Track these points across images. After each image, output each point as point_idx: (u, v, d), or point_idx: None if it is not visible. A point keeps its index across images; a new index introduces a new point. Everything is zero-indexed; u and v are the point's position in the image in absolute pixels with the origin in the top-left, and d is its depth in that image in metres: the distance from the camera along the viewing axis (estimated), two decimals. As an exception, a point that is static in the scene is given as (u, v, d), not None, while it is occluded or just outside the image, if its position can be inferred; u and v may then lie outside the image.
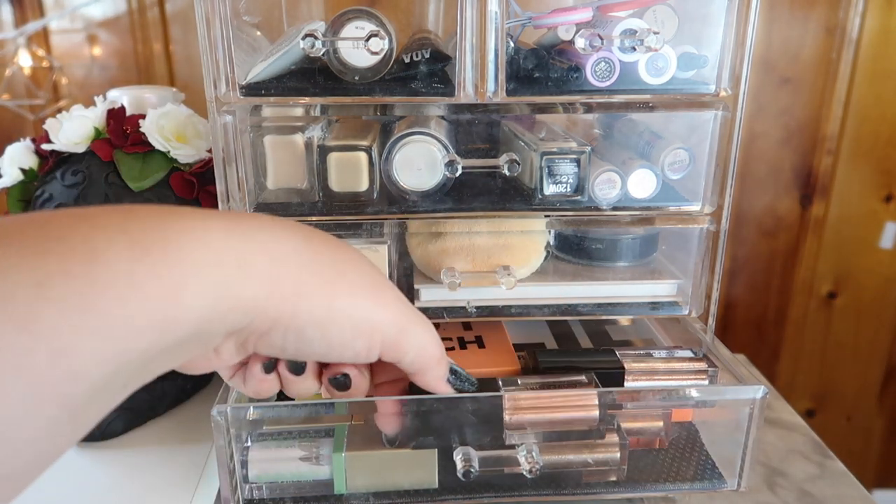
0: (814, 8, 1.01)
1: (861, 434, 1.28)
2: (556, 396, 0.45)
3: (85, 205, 0.58)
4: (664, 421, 0.48)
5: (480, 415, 0.44)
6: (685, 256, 0.53)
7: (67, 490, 0.52)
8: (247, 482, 0.46)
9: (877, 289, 1.17)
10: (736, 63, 0.46)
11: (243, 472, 0.45)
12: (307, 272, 0.31)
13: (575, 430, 0.45)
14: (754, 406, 0.45)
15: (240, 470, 0.45)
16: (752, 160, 1.09)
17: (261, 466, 0.46)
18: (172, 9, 0.97)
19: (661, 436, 0.49)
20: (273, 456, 0.46)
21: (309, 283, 0.31)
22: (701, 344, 0.53)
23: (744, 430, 0.46)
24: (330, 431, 0.47)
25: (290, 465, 0.46)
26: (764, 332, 1.20)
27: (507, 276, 0.50)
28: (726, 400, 0.46)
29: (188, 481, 0.52)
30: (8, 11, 0.97)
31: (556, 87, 0.46)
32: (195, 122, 0.61)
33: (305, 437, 0.46)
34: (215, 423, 0.43)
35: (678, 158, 0.50)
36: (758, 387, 0.45)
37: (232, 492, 0.45)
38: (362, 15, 0.43)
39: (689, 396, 0.45)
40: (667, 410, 0.48)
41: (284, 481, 0.46)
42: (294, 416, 0.45)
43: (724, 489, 0.48)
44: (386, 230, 0.51)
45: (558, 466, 0.47)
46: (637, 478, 0.48)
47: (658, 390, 0.46)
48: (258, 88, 0.45)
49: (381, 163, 0.48)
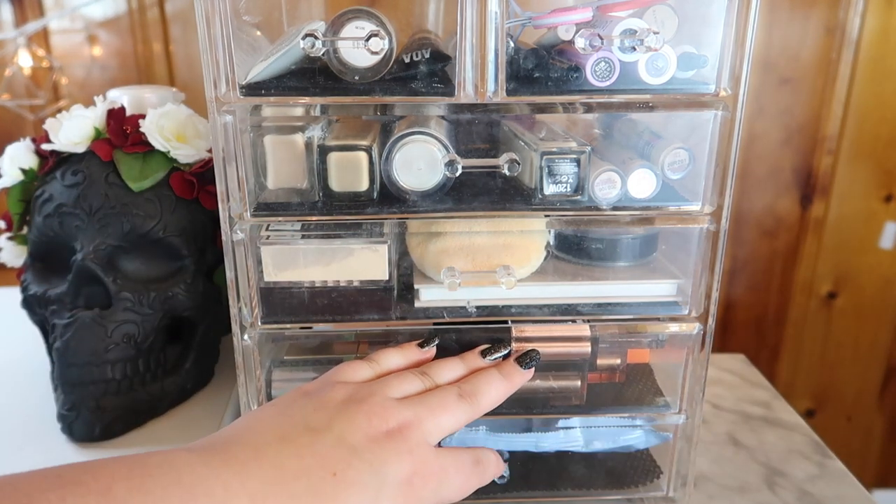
0: (814, 8, 1.01)
1: (861, 434, 1.28)
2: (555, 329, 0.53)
3: (85, 204, 0.58)
4: (621, 358, 0.57)
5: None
6: (685, 256, 0.53)
7: (67, 490, 0.51)
8: (270, 400, 0.52)
9: (877, 289, 1.17)
10: (736, 63, 0.46)
11: (268, 390, 0.53)
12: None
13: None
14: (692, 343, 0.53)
15: (265, 389, 0.52)
16: (752, 160, 1.09)
17: (282, 386, 0.53)
18: (172, 9, 0.97)
19: (619, 371, 0.57)
20: (292, 377, 0.54)
21: None
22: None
23: (683, 363, 0.54)
24: (339, 360, 0.52)
25: None
26: (764, 332, 1.20)
27: (507, 276, 0.50)
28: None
29: (188, 481, 0.52)
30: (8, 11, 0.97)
31: (556, 87, 0.46)
32: (195, 122, 0.61)
33: (318, 364, 0.54)
34: (245, 348, 0.51)
35: (678, 158, 0.50)
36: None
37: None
38: (362, 15, 0.43)
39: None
40: (624, 350, 0.57)
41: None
42: (309, 343, 0.55)
43: (669, 412, 0.56)
44: (386, 230, 0.51)
45: (527, 392, 0.55)
46: (595, 402, 0.56)
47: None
48: (258, 88, 0.45)
49: (381, 163, 0.48)
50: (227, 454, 0.32)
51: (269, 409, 0.38)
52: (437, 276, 0.51)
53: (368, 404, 0.38)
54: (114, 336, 0.57)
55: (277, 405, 0.38)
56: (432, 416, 0.40)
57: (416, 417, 0.39)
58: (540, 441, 0.58)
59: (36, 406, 0.62)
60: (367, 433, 0.36)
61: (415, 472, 0.36)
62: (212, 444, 0.33)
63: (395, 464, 0.35)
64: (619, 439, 0.59)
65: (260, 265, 0.50)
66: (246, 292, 0.49)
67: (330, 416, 0.36)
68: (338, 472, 0.33)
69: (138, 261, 0.60)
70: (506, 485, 0.57)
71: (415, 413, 0.39)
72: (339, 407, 0.37)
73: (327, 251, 0.50)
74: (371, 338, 0.56)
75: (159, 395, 0.61)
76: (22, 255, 0.66)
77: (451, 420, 0.41)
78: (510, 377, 0.45)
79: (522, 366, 0.47)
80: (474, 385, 0.43)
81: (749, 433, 0.69)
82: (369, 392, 0.39)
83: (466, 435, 0.58)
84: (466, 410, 0.42)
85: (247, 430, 0.35)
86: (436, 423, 0.40)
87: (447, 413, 0.41)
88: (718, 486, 0.61)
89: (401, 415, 0.38)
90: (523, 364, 0.47)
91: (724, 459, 0.65)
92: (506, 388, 0.45)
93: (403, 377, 0.43)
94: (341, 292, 0.51)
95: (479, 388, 0.43)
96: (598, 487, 0.58)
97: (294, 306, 0.51)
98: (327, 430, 0.35)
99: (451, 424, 0.41)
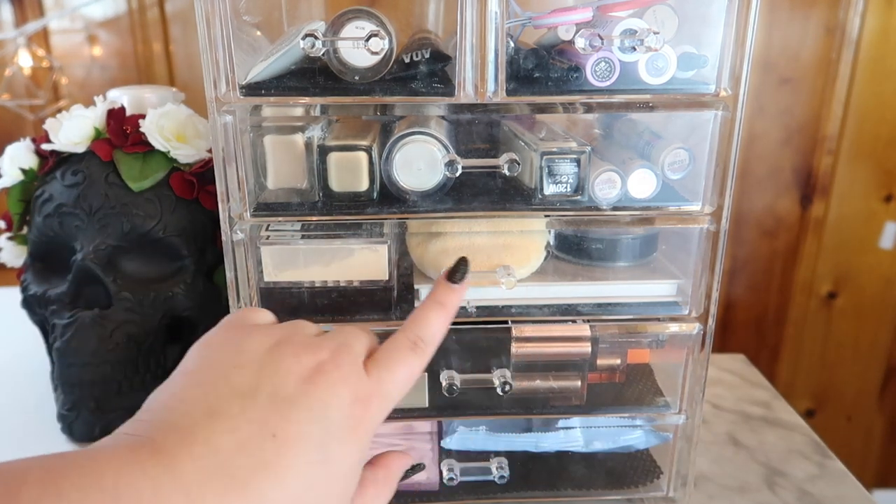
0: (814, 8, 1.01)
1: (861, 434, 1.28)
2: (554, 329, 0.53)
3: (85, 204, 0.58)
4: (621, 358, 0.57)
5: (490, 343, 0.53)
6: (685, 256, 0.53)
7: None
8: None
9: (877, 289, 1.17)
10: (736, 63, 0.46)
11: None
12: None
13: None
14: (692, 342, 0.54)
15: None
16: (752, 160, 1.09)
17: None
18: (172, 9, 0.97)
19: (619, 371, 0.57)
20: None
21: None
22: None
23: (682, 363, 0.54)
24: None
25: None
26: (764, 332, 1.20)
27: (507, 276, 0.50)
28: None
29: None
30: (8, 11, 0.97)
31: (556, 87, 0.46)
32: (195, 122, 0.61)
33: None
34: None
35: (678, 158, 0.50)
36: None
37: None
38: (362, 15, 0.43)
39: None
40: (624, 350, 0.57)
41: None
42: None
43: (669, 412, 0.56)
44: (386, 230, 0.51)
45: (527, 392, 0.55)
46: (595, 402, 0.56)
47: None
48: (258, 88, 0.45)
49: (381, 163, 0.48)
50: (153, 445, 0.28)
51: (185, 380, 0.33)
52: (437, 277, 0.51)
53: (293, 344, 0.34)
54: (114, 336, 0.57)
55: (192, 373, 0.33)
56: (356, 339, 0.36)
57: (338, 344, 0.35)
58: (540, 441, 0.58)
59: (36, 406, 0.62)
60: (300, 375, 0.32)
61: (355, 399, 0.33)
62: (136, 433, 0.30)
63: (333, 399, 0.32)
64: (619, 439, 0.59)
65: (260, 265, 0.50)
66: (246, 292, 0.49)
67: (256, 372, 0.32)
68: (277, 432, 0.30)
69: (138, 261, 0.60)
70: (506, 485, 0.57)
71: (336, 341, 0.35)
72: (264, 358, 0.33)
73: (327, 251, 0.50)
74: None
75: (159, 395, 0.61)
76: (22, 255, 0.66)
77: (366, 342, 0.37)
78: (445, 301, 0.40)
79: (452, 281, 0.41)
80: (410, 321, 0.39)
81: (749, 433, 0.69)
82: (290, 331, 0.36)
83: (467, 435, 0.58)
84: (403, 338, 0.37)
85: (169, 412, 0.31)
86: (359, 345, 0.36)
87: (366, 337, 0.37)
88: (718, 486, 0.61)
89: (325, 346, 0.35)
90: (453, 279, 0.41)
91: (724, 459, 0.65)
92: (445, 314, 0.39)
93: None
94: (341, 292, 0.51)
95: (412, 320, 0.39)
96: (598, 487, 0.58)
97: (294, 306, 0.51)
98: (257, 389, 0.32)
99: (368, 344, 0.37)
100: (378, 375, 0.35)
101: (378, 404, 0.34)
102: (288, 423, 0.31)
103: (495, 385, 0.53)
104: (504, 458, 0.58)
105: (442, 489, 0.57)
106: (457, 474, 0.56)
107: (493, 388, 0.53)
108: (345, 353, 0.35)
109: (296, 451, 0.30)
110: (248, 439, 0.30)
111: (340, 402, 0.32)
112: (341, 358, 0.34)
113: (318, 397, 0.32)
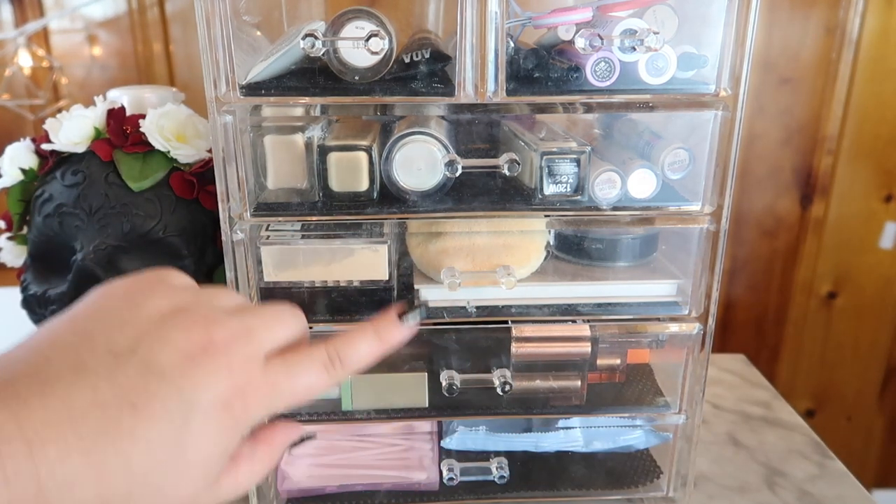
0: (814, 8, 1.01)
1: (861, 434, 1.28)
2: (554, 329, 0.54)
3: (85, 204, 0.58)
4: (621, 358, 0.58)
5: (490, 343, 0.54)
6: (685, 256, 0.53)
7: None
8: None
9: (877, 289, 1.17)
10: (736, 63, 0.46)
11: None
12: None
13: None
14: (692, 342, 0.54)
15: None
16: (752, 160, 1.09)
17: None
18: (172, 9, 0.97)
19: (619, 371, 0.58)
20: None
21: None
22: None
23: (682, 363, 0.55)
24: None
25: None
26: (764, 332, 1.20)
27: (507, 276, 0.50)
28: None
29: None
30: (8, 11, 0.97)
31: (556, 87, 0.46)
32: (195, 122, 0.61)
33: None
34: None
35: (678, 158, 0.50)
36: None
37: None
38: (362, 15, 0.43)
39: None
40: (624, 350, 0.57)
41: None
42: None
43: (669, 412, 0.56)
44: (386, 230, 0.51)
45: (527, 392, 0.56)
46: (595, 402, 0.56)
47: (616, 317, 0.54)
48: (258, 88, 0.45)
49: (381, 163, 0.48)
50: (13, 387, 0.27)
51: (67, 325, 0.31)
52: (437, 276, 0.51)
53: (192, 315, 0.31)
54: (114, 336, 0.57)
55: (77, 320, 0.31)
56: (270, 328, 0.33)
57: (245, 328, 0.32)
58: (540, 441, 0.58)
59: (36, 406, 0.62)
60: (184, 350, 0.30)
61: (235, 392, 0.31)
62: (2, 367, 0.28)
63: (209, 385, 0.30)
64: (619, 439, 0.59)
65: (260, 265, 0.50)
66: (246, 292, 0.49)
67: (139, 335, 0.30)
68: (138, 403, 0.28)
69: (138, 261, 0.60)
70: (506, 485, 0.57)
71: (244, 324, 0.32)
72: (155, 322, 0.31)
73: (327, 251, 0.50)
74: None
75: (159, 395, 0.61)
76: (22, 255, 0.66)
77: (285, 333, 0.34)
78: (384, 336, 0.37)
79: (401, 320, 0.38)
80: (339, 338, 0.36)
81: (749, 433, 0.69)
82: (199, 300, 0.33)
83: (466, 435, 0.58)
84: (323, 351, 0.35)
85: (39, 358, 0.29)
86: (270, 335, 0.33)
87: (289, 327, 0.34)
88: (718, 486, 0.61)
89: (227, 325, 0.32)
90: (403, 318, 0.37)
91: (724, 459, 0.65)
92: (378, 348, 0.36)
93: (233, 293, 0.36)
94: (341, 292, 0.51)
95: (342, 337, 0.36)
96: (598, 487, 0.58)
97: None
98: (132, 353, 0.29)
99: (287, 335, 0.34)
100: (275, 376, 0.33)
101: (260, 404, 0.32)
102: (151, 397, 0.29)
103: (495, 385, 0.53)
104: (504, 458, 0.58)
105: (442, 489, 0.57)
106: (457, 474, 0.56)
107: (492, 388, 0.53)
108: (243, 340, 0.32)
109: (150, 426, 0.28)
110: (106, 402, 0.28)
111: (216, 389, 0.30)
112: (237, 344, 0.32)
113: (193, 378, 0.30)
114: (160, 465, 0.29)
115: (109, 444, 0.28)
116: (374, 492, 0.57)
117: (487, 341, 0.53)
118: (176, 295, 0.33)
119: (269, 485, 0.56)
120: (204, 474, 0.31)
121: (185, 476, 0.30)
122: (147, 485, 0.29)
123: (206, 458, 0.31)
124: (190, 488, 0.31)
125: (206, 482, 0.32)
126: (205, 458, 0.31)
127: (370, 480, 0.57)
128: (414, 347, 0.55)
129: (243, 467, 0.34)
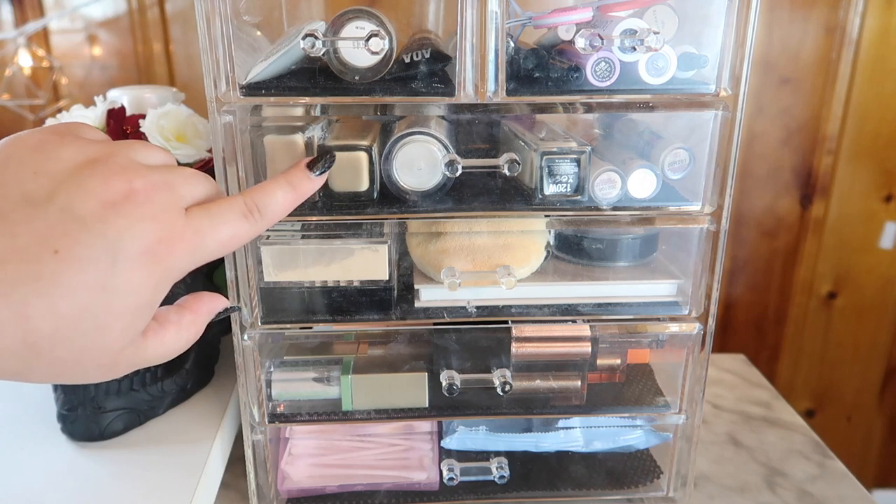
0: (814, 8, 1.01)
1: (861, 434, 1.28)
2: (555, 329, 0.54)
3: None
4: (621, 358, 0.58)
5: (491, 343, 0.54)
6: (685, 256, 0.53)
7: (67, 489, 0.52)
8: (270, 400, 0.54)
9: (877, 289, 1.17)
10: (736, 63, 0.46)
11: (268, 391, 0.54)
12: None
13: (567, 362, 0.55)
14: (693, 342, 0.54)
15: (265, 389, 0.53)
16: (752, 160, 1.09)
17: (282, 386, 0.55)
18: (172, 9, 0.97)
19: (619, 371, 0.58)
20: (292, 377, 0.55)
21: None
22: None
23: (683, 363, 0.55)
24: (339, 360, 0.56)
25: (306, 386, 0.55)
26: (764, 332, 1.20)
27: (507, 276, 0.50)
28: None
29: (188, 481, 0.52)
30: (8, 11, 0.97)
31: (556, 87, 0.46)
32: (195, 122, 0.61)
33: (318, 364, 0.55)
34: (245, 348, 0.51)
35: (678, 158, 0.50)
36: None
37: (259, 408, 0.53)
38: (362, 15, 0.43)
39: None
40: (624, 350, 0.58)
41: (301, 399, 0.55)
42: (309, 343, 0.56)
43: (669, 412, 0.56)
44: (386, 230, 0.51)
45: (527, 392, 0.56)
46: (595, 402, 0.56)
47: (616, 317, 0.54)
48: (258, 88, 0.45)
49: (381, 163, 0.48)
50: None
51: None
52: (437, 276, 0.51)
53: (110, 165, 0.31)
54: (114, 336, 0.57)
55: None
56: (187, 182, 0.33)
57: (164, 180, 0.32)
58: (540, 441, 0.58)
59: (36, 406, 0.62)
60: (103, 198, 0.30)
61: (160, 239, 0.31)
62: None
63: (134, 231, 0.30)
64: (620, 439, 0.59)
65: (260, 265, 0.50)
66: (246, 292, 0.49)
67: (54, 183, 0.30)
68: (61, 248, 0.28)
69: (138, 261, 0.60)
70: (506, 485, 0.57)
71: (163, 176, 0.32)
72: (70, 171, 0.30)
73: (327, 251, 0.50)
74: (371, 338, 0.56)
75: (159, 395, 0.61)
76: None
77: (202, 190, 0.34)
78: (298, 186, 0.39)
79: (313, 171, 0.40)
80: (255, 189, 0.37)
81: (749, 433, 0.69)
82: (114, 151, 0.32)
83: (467, 435, 0.58)
84: (240, 201, 0.36)
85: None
86: (189, 189, 0.33)
87: (204, 186, 0.35)
88: (718, 486, 0.61)
89: (146, 176, 0.32)
90: (313, 168, 0.40)
91: (724, 459, 0.65)
92: (293, 197, 0.38)
93: (155, 148, 0.36)
94: (341, 292, 0.51)
95: (258, 187, 0.37)
96: (598, 487, 0.58)
97: (294, 306, 0.51)
98: (49, 201, 0.29)
99: (204, 192, 0.35)
100: (199, 224, 0.33)
101: (185, 251, 0.32)
102: (74, 243, 0.29)
103: (495, 385, 0.53)
104: (504, 458, 0.58)
105: (442, 489, 0.57)
106: (457, 474, 0.56)
107: (493, 388, 0.53)
108: (164, 190, 0.32)
109: (74, 272, 0.28)
110: (26, 249, 0.28)
111: (142, 235, 0.30)
112: (159, 193, 0.31)
113: (116, 225, 0.30)
114: (86, 310, 0.29)
115: (32, 288, 0.27)
116: (374, 492, 0.57)
117: (487, 341, 0.53)
118: (90, 146, 0.32)
119: (269, 485, 0.56)
120: (130, 323, 0.31)
121: (112, 324, 0.30)
122: (73, 329, 0.29)
123: (133, 307, 0.31)
124: (116, 337, 0.31)
125: (132, 334, 0.32)
126: (131, 306, 0.31)
127: (370, 480, 0.57)
128: (414, 347, 0.55)
129: (170, 331, 0.35)
